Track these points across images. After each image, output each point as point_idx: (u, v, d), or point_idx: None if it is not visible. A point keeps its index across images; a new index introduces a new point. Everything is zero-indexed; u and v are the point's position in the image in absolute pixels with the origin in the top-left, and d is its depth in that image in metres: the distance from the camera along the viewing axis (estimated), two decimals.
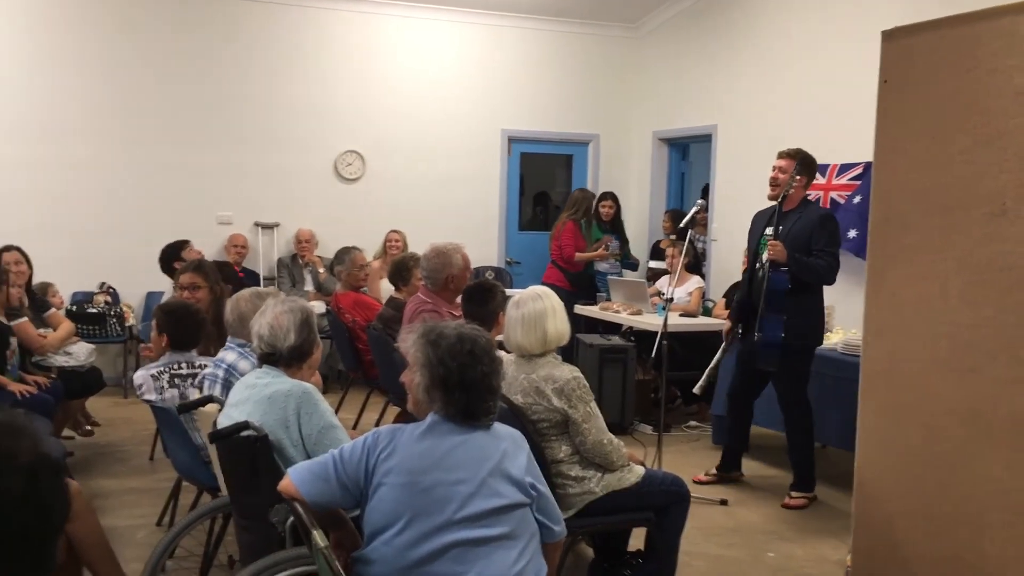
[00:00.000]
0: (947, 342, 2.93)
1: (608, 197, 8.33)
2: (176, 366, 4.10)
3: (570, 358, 5.95)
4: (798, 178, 5.00)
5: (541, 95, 9.13)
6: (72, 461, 5.39)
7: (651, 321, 6.41)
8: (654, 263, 8.15)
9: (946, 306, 2.93)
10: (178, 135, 7.94)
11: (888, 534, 3.17)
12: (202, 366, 4.02)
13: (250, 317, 3.30)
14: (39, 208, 7.51)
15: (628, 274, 8.44)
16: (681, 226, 5.73)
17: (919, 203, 3.02)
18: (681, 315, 6.68)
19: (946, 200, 2.92)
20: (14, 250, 5.75)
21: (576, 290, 7.61)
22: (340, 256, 6.81)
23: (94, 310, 7.29)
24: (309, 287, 8.11)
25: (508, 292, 4.24)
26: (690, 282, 7.02)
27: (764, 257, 5.06)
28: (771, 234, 5.00)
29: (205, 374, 3.80)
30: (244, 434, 2.88)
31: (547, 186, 9.95)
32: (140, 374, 4.11)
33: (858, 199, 6.31)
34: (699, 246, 8.03)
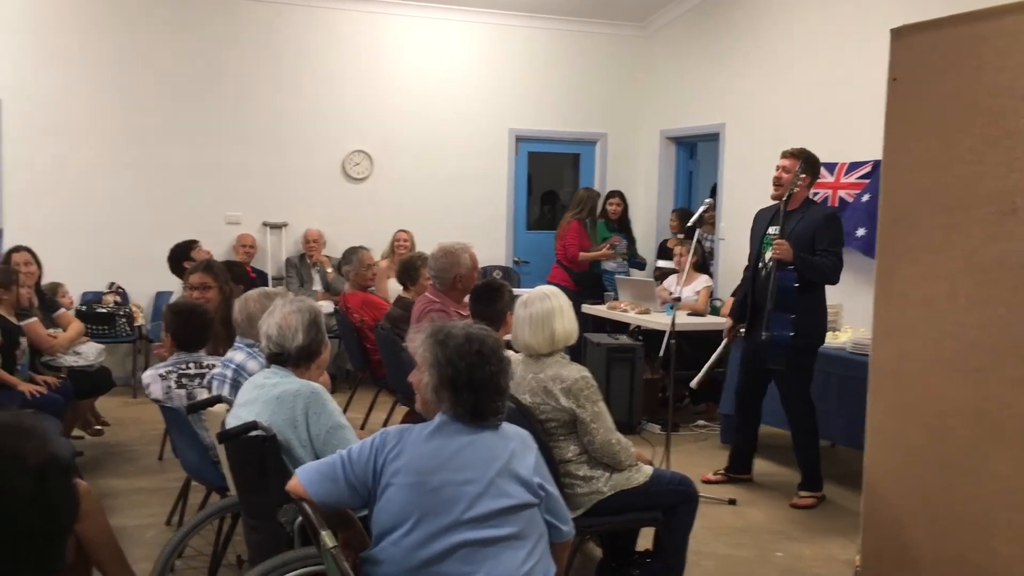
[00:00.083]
0: (955, 342, 2.92)
1: (615, 195, 8.32)
2: (184, 366, 4.11)
3: (578, 357, 5.94)
4: (803, 177, 4.99)
5: (548, 94, 9.12)
6: (81, 461, 5.42)
7: (659, 320, 6.40)
8: (662, 262, 8.13)
9: (954, 306, 2.92)
10: (186, 135, 7.96)
11: (897, 534, 3.16)
12: (210, 366, 4.03)
13: (258, 317, 3.31)
14: (48, 209, 7.54)
15: (635, 273, 8.43)
16: (689, 225, 5.73)
17: (927, 202, 3.01)
18: (689, 314, 6.68)
19: (954, 199, 2.91)
20: (24, 251, 5.78)
21: (581, 290, 7.60)
22: (348, 256, 6.81)
23: (103, 310, 7.31)
24: (317, 287, 8.12)
25: (516, 291, 4.24)
26: (698, 281, 7.01)
27: (767, 256, 5.05)
28: (774, 233, 5.00)
29: (214, 374, 3.81)
30: (252, 434, 2.89)
31: (555, 185, 9.93)
32: (148, 374, 4.13)
33: (866, 198, 6.29)
34: (707, 245, 8.01)
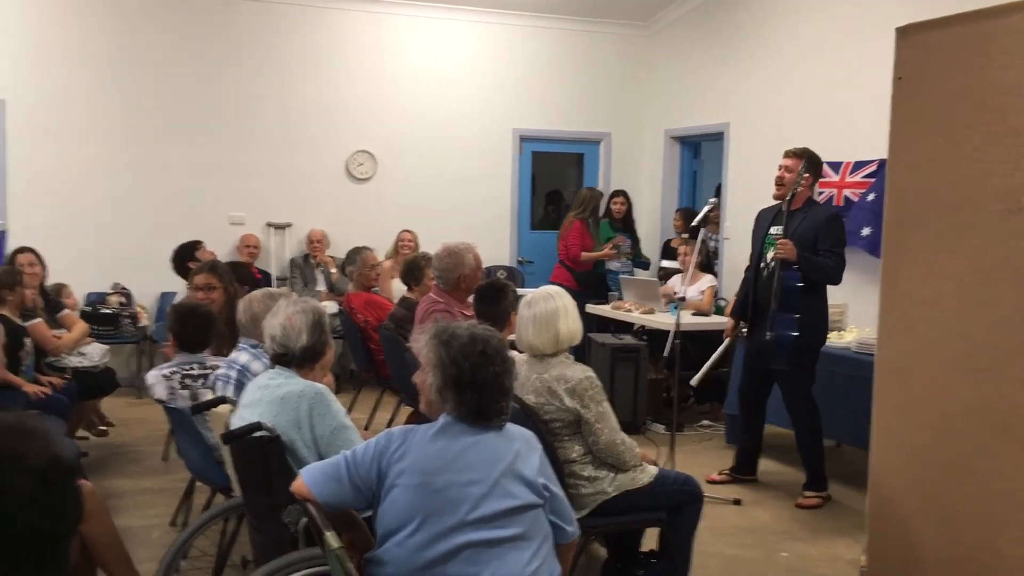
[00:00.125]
0: (961, 341, 2.91)
1: (619, 194, 8.30)
2: (188, 367, 4.11)
3: (582, 358, 5.93)
4: (806, 176, 4.98)
5: (552, 94, 9.11)
6: (86, 461, 5.42)
7: (663, 320, 6.39)
8: (666, 262, 8.10)
9: (960, 305, 2.91)
10: (190, 135, 7.97)
11: (903, 534, 3.15)
12: (214, 367, 4.03)
13: (262, 318, 3.30)
14: (53, 209, 7.55)
15: (640, 273, 8.41)
16: (693, 224, 5.72)
17: (933, 201, 3.00)
18: (694, 314, 6.67)
19: (960, 198, 2.90)
20: (28, 251, 5.79)
21: (584, 289, 7.55)
22: (351, 256, 6.80)
23: (108, 311, 7.31)
24: (321, 287, 8.12)
25: (520, 291, 4.24)
26: (702, 280, 7.00)
27: (769, 256, 5.05)
28: (776, 233, 5.01)
29: (218, 375, 3.81)
30: (257, 435, 2.89)
31: (559, 185, 9.92)
32: (152, 374, 4.13)
33: (872, 197, 6.27)
34: (711, 244, 7.99)
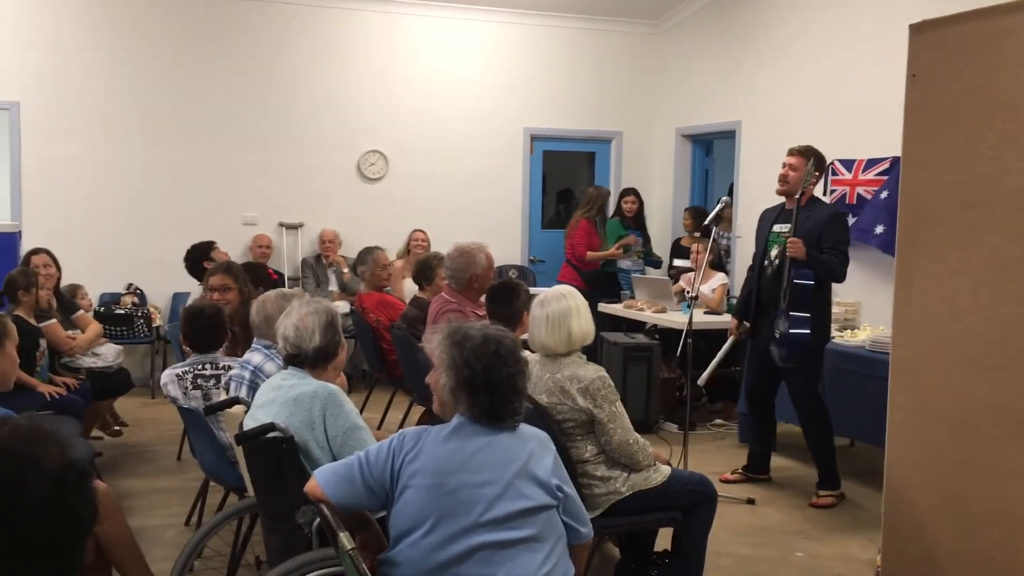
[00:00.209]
0: (977, 339, 2.89)
1: (631, 193, 8.25)
2: (200, 367, 4.12)
3: (594, 357, 5.93)
4: (816, 174, 4.99)
5: (563, 93, 9.11)
6: (101, 461, 5.44)
7: (676, 319, 6.38)
8: (679, 261, 8.07)
9: (976, 303, 2.89)
10: (203, 136, 8.00)
11: (919, 533, 3.13)
12: (227, 367, 4.04)
13: (276, 318, 3.31)
14: (66, 210, 7.59)
15: (651, 272, 8.39)
16: (706, 223, 5.71)
17: (948, 199, 2.98)
18: (706, 312, 6.64)
19: (976, 196, 2.89)
20: (43, 253, 5.81)
21: (591, 288, 7.45)
22: (363, 256, 6.80)
23: (121, 311, 7.35)
24: (333, 287, 8.14)
25: (532, 291, 4.23)
26: (714, 279, 6.98)
27: (773, 254, 5.05)
28: (783, 231, 5.01)
29: (232, 375, 3.82)
30: (270, 436, 2.89)
31: (570, 184, 9.91)
32: (167, 373, 4.14)
33: (885, 194, 6.24)
34: (723, 242, 7.96)
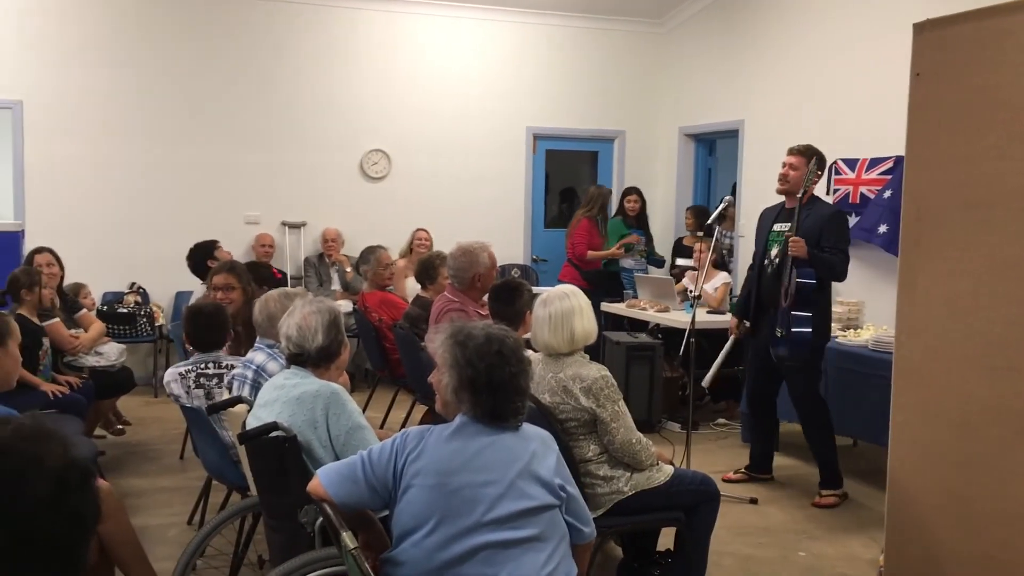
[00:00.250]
0: (980, 339, 2.89)
1: (633, 192, 8.24)
2: (203, 366, 4.13)
3: (597, 356, 5.92)
4: (818, 172, 5.00)
5: (566, 92, 9.10)
6: (103, 460, 5.45)
7: (678, 318, 6.38)
8: (681, 260, 8.06)
9: (979, 303, 2.89)
10: (206, 135, 8.00)
11: (921, 533, 3.13)
12: (229, 366, 4.04)
13: (279, 317, 3.31)
14: (69, 209, 7.60)
15: (654, 271, 8.38)
16: (709, 222, 5.70)
17: (951, 199, 2.97)
18: (709, 311, 6.64)
19: (979, 196, 2.88)
20: (46, 252, 5.82)
21: (592, 288, 7.42)
22: (365, 255, 6.81)
23: (124, 310, 7.35)
24: (336, 286, 8.14)
25: (534, 290, 4.23)
26: (717, 278, 6.98)
27: (772, 254, 5.05)
28: (784, 230, 5.01)
29: (234, 375, 3.82)
30: (273, 435, 2.89)
31: (573, 183, 9.90)
32: (170, 372, 4.15)
33: (888, 194, 6.23)
34: (726, 242, 7.96)
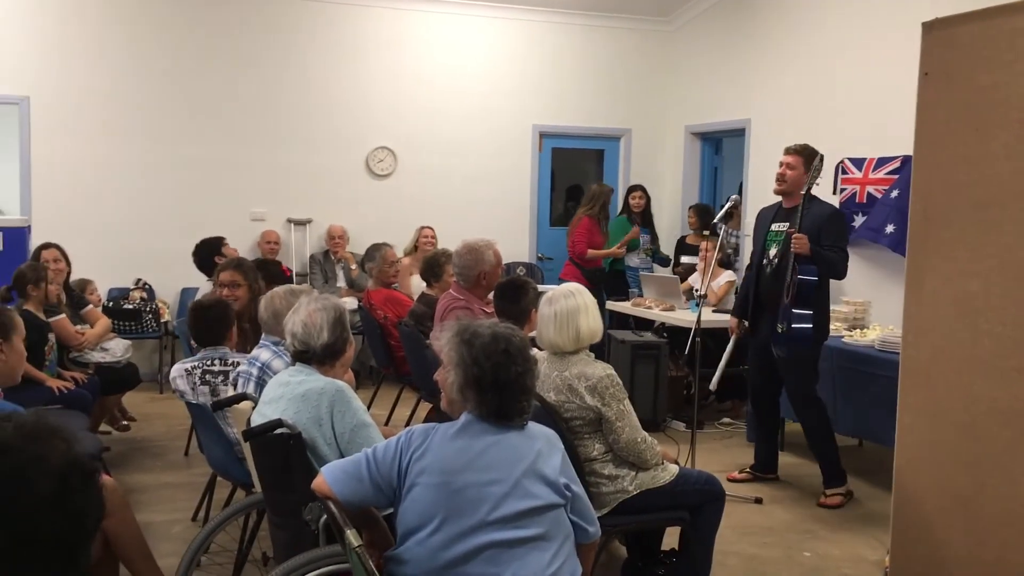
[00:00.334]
0: (989, 340, 2.87)
1: (638, 189, 8.23)
2: (209, 362, 4.14)
3: (602, 355, 5.91)
4: (819, 170, 5.00)
5: (572, 90, 9.09)
6: (108, 456, 5.44)
7: (684, 317, 6.36)
8: (686, 258, 8.05)
9: (988, 304, 2.87)
10: (212, 132, 8.01)
11: (928, 535, 3.12)
12: (235, 363, 4.04)
13: (284, 314, 3.31)
14: (76, 205, 7.61)
15: (659, 269, 8.37)
16: (715, 221, 5.70)
17: (960, 199, 2.96)
18: (714, 310, 6.62)
19: (988, 196, 2.87)
20: (52, 247, 5.83)
21: (593, 286, 7.40)
22: (371, 253, 6.80)
23: (130, 306, 7.36)
24: (341, 283, 8.14)
25: (540, 288, 4.22)
26: (722, 276, 6.97)
27: (771, 253, 5.05)
28: (782, 230, 5.02)
29: (240, 372, 3.82)
30: (278, 432, 2.89)
31: (579, 181, 9.88)
32: (176, 368, 4.17)
33: (895, 193, 6.22)
34: (732, 240, 7.94)
